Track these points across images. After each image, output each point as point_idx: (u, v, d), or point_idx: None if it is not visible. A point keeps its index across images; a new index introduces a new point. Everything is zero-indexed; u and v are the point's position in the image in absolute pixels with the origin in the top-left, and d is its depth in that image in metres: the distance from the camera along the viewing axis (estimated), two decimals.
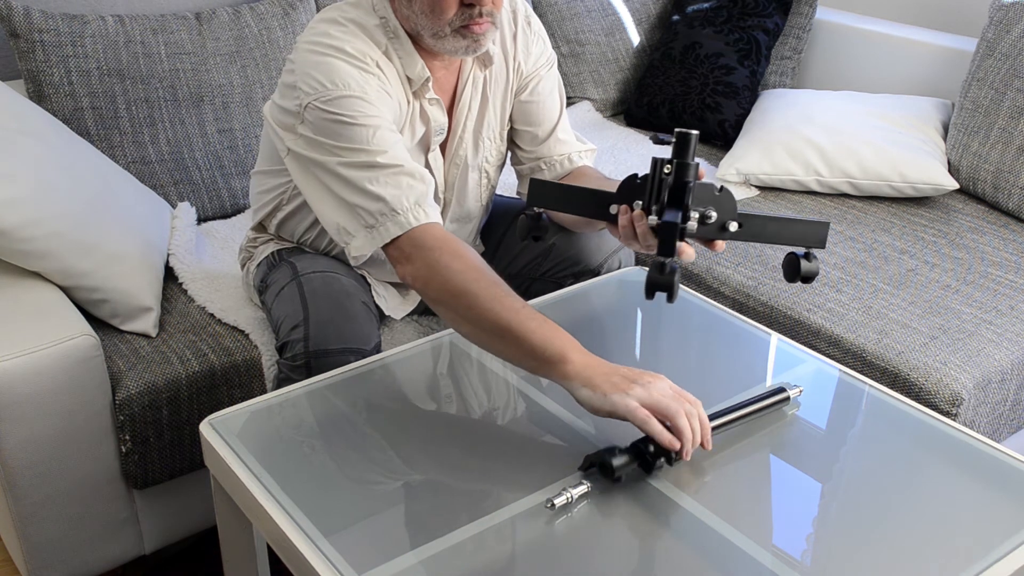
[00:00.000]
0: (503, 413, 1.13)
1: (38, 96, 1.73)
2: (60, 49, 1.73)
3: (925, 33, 2.35)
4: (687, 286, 1.62)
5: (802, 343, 1.57)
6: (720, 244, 1.12)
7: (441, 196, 1.45)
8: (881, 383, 1.47)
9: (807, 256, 1.12)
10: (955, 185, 1.95)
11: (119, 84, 1.77)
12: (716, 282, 1.72)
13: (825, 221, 1.14)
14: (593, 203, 1.18)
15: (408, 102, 1.34)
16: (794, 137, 2.04)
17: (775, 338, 1.29)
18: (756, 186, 2.07)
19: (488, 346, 1.10)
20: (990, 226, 1.90)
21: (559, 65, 2.49)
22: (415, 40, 1.32)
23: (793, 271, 1.13)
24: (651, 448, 0.99)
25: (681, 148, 1.07)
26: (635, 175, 1.13)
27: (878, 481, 1.01)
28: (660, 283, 0.96)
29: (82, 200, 1.45)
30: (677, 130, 1.08)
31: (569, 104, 2.51)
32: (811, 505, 0.98)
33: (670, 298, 0.99)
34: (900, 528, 0.95)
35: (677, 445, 0.98)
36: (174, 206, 1.82)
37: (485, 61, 1.40)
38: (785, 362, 1.24)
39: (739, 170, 2.05)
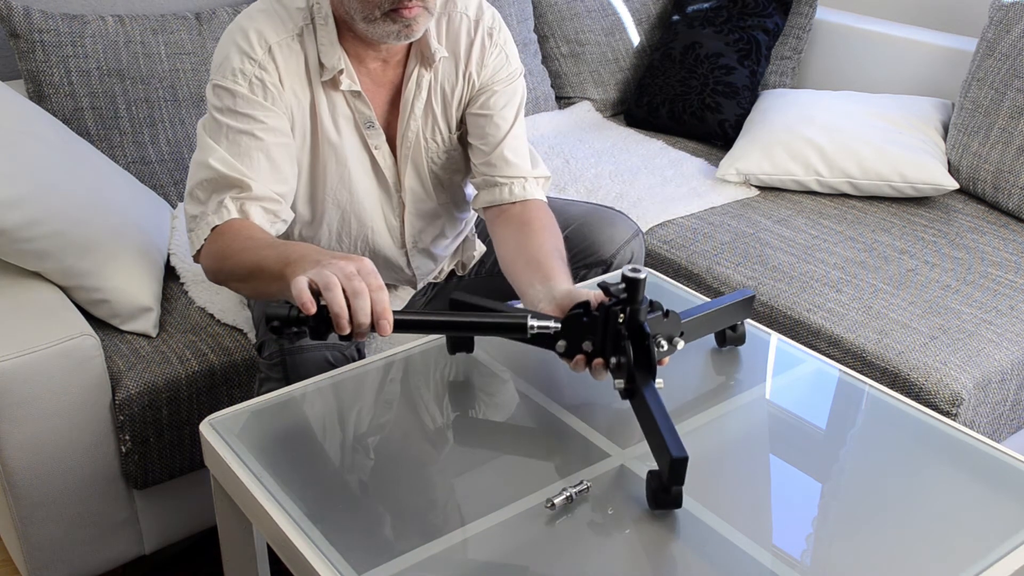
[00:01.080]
0: (503, 413, 1.13)
1: (38, 96, 1.73)
2: (60, 49, 1.73)
3: (925, 33, 2.35)
4: (687, 285, 1.62)
5: (802, 343, 1.57)
6: (665, 359, 1.13)
7: (395, 194, 1.44)
8: (881, 383, 1.47)
9: (733, 327, 1.24)
10: (955, 185, 1.95)
11: (119, 84, 1.77)
12: (716, 282, 1.72)
13: (751, 294, 1.23)
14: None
15: (312, 90, 1.32)
16: (794, 137, 2.04)
17: (775, 338, 1.29)
18: (756, 186, 2.07)
19: (256, 292, 1.18)
20: (990, 226, 1.90)
21: (559, 65, 2.49)
22: (350, 28, 1.30)
23: (721, 339, 1.25)
24: (312, 317, 0.98)
25: (632, 293, 1.04)
26: (580, 313, 1.08)
27: (878, 481, 1.01)
28: (668, 501, 0.95)
29: (82, 200, 1.45)
30: (625, 275, 1.04)
31: (569, 104, 2.51)
32: (811, 505, 0.98)
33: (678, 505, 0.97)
34: (900, 528, 0.95)
35: (311, 308, 0.96)
36: (174, 206, 1.82)
37: (428, 60, 1.36)
38: (785, 362, 1.24)
39: (739, 170, 2.05)
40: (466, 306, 1.14)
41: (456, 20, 1.39)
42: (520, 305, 1.27)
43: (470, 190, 1.53)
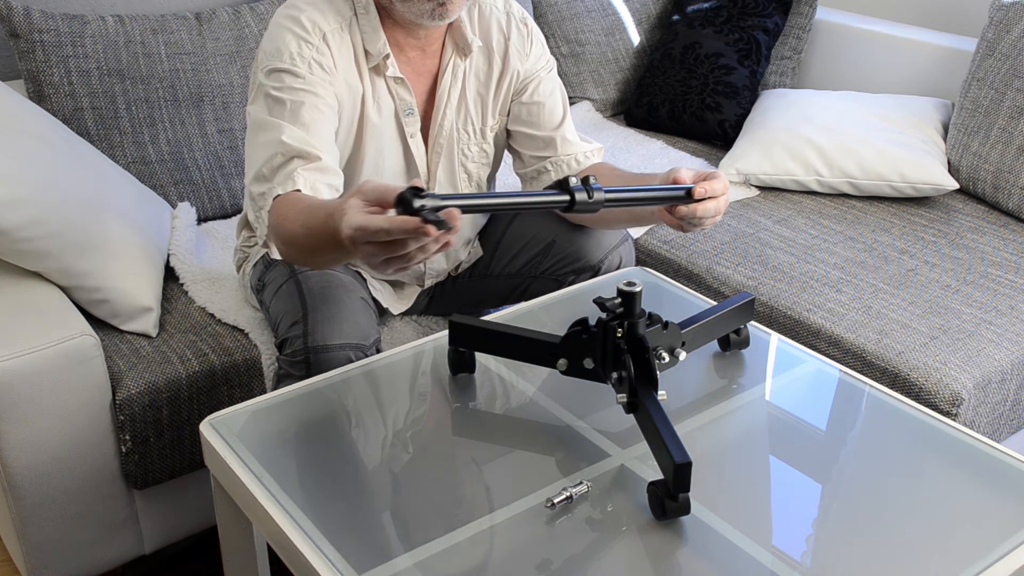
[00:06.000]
0: (503, 413, 1.13)
1: (38, 96, 1.73)
2: (60, 49, 1.73)
3: (925, 33, 2.35)
4: (687, 285, 1.62)
5: (802, 343, 1.57)
6: None
7: (426, 186, 1.45)
8: (881, 383, 1.47)
9: (736, 331, 1.25)
10: (955, 185, 1.95)
11: (119, 84, 1.77)
12: (716, 282, 1.72)
13: (750, 297, 1.23)
14: (529, 350, 1.13)
15: (361, 78, 1.34)
16: (794, 137, 2.04)
17: (775, 338, 1.29)
18: (756, 186, 2.07)
19: (312, 258, 1.16)
20: (990, 226, 1.90)
21: (559, 65, 2.49)
22: (389, 14, 1.33)
23: (725, 343, 1.26)
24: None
25: (629, 306, 1.04)
26: (580, 329, 1.08)
27: (878, 481, 1.01)
28: (675, 509, 0.95)
29: (82, 200, 1.45)
30: (620, 289, 1.04)
31: (569, 104, 2.51)
32: (811, 505, 0.98)
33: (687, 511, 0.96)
34: (900, 528, 0.95)
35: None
36: (174, 206, 1.82)
37: (464, 49, 1.40)
38: (785, 362, 1.24)
39: (739, 170, 2.05)
40: (468, 327, 1.16)
41: (487, 11, 1.43)
42: (491, 316, 1.32)
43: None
